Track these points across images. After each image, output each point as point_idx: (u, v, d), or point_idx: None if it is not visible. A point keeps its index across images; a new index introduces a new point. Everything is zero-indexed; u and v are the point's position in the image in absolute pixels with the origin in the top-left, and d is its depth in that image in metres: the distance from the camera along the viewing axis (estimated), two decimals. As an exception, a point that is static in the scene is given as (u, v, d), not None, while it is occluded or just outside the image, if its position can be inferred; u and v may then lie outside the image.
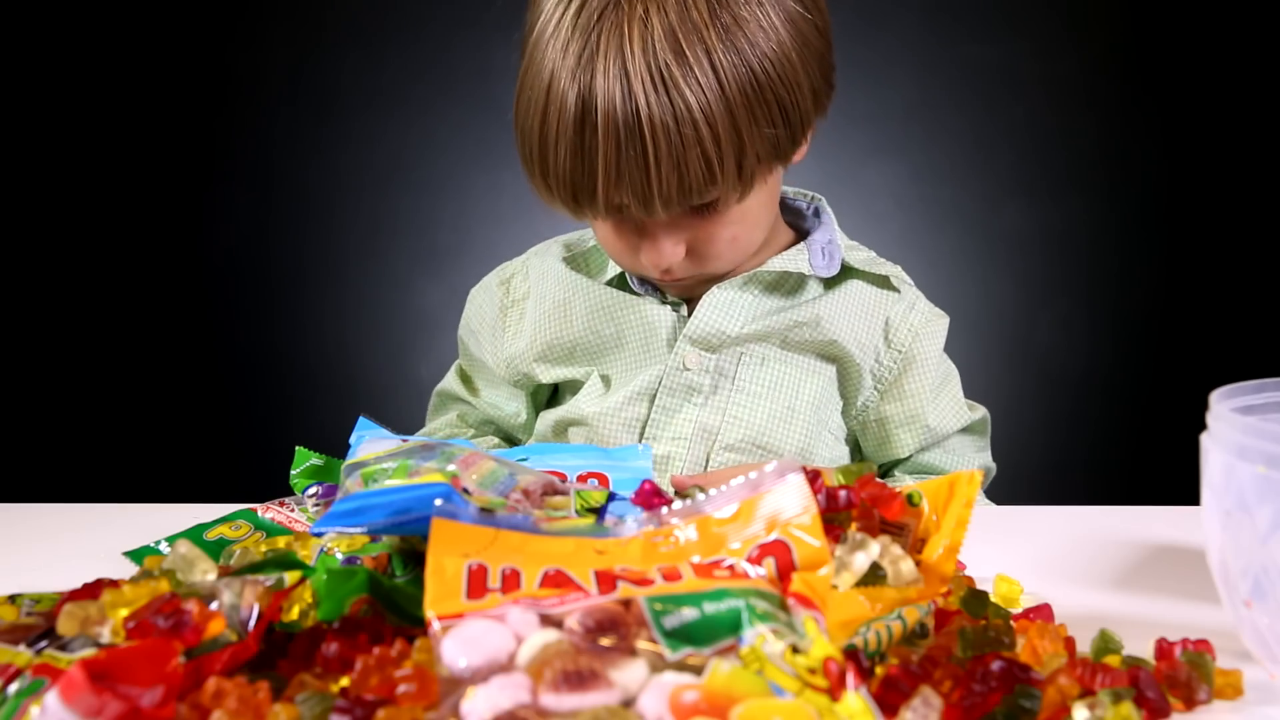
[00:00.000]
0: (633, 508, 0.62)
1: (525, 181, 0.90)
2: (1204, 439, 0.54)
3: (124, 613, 0.47)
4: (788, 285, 0.99)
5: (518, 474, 0.63)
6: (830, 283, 1.00)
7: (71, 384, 2.15)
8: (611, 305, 1.00)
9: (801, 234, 1.03)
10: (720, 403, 0.98)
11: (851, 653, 0.47)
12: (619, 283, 1.01)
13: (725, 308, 0.97)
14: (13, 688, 0.43)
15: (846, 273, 1.01)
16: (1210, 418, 0.54)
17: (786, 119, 0.85)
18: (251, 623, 0.48)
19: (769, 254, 0.99)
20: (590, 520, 0.60)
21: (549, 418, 1.03)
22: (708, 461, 0.98)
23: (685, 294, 0.98)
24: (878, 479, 0.59)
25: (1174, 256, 2.09)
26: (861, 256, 1.02)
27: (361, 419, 0.78)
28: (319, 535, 0.61)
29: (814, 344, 0.98)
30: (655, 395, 0.98)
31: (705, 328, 0.97)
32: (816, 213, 1.04)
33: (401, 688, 0.44)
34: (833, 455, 1.00)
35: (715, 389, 0.98)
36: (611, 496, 0.64)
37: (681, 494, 0.66)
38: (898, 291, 1.02)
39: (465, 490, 0.56)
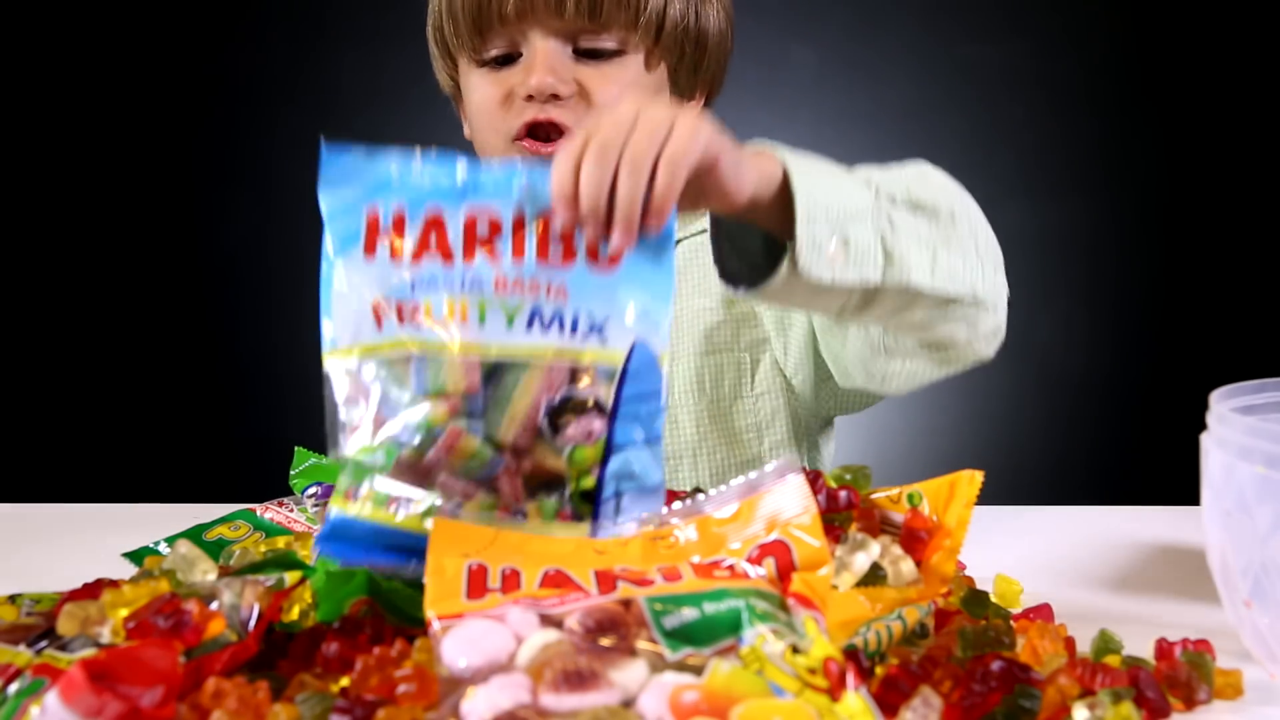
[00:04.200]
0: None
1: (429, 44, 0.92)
2: (1204, 439, 0.54)
3: (124, 613, 0.47)
4: None
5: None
6: None
7: (71, 384, 2.14)
8: None
9: None
10: None
11: (851, 653, 0.47)
12: None
13: None
14: (13, 688, 0.43)
15: None
16: (1210, 418, 0.54)
17: (700, 50, 0.89)
18: (251, 623, 0.47)
19: None
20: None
21: None
22: None
23: None
24: None
25: (1174, 256, 2.09)
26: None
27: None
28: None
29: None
30: None
31: None
32: None
33: (401, 688, 0.44)
34: (755, 454, 0.92)
35: None
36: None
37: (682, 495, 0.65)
38: None
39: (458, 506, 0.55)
